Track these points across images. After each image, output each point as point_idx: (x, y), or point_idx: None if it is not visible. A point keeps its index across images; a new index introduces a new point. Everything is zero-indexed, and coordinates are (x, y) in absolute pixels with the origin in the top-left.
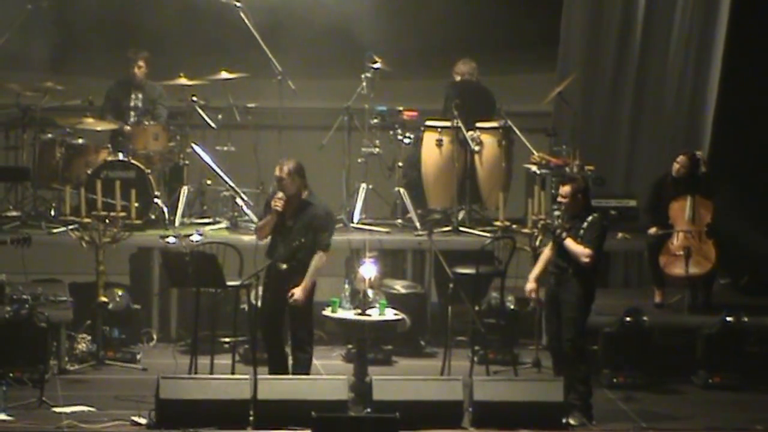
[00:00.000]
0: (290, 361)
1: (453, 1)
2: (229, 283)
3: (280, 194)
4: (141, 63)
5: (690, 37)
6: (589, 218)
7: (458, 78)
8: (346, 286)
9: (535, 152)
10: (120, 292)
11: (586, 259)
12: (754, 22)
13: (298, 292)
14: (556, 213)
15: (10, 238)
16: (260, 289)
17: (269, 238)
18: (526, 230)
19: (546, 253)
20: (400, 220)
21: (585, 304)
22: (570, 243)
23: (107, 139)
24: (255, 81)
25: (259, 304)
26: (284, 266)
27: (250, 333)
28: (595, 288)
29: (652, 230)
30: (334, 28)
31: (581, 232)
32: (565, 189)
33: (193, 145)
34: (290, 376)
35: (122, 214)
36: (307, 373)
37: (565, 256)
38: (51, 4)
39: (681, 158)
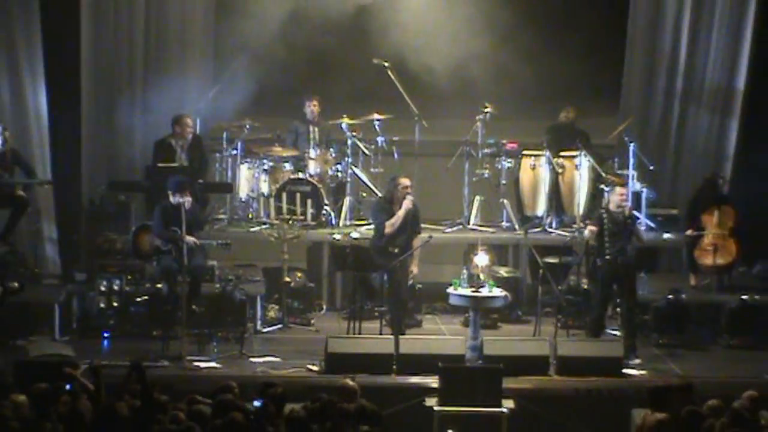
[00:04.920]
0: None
1: (547, 59)
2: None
3: (410, 198)
4: (315, 103)
5: (717, 95)
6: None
7: (560, 119)
8: (464, 271)
9: (603, 173)
10: (299, 274)
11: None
12: None
13: (416, 269)
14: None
15: (216, 242)
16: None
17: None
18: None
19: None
20: (504, 223)
21: None
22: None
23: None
24: (398, 120)
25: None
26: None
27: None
28: None
29: (689, 232)
30: (457, 80)
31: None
32: (626, 189)
33: (353, 168)
34: (423, 336)
35: (301, 217)
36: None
37: (629, 240)
38: (249, 63)
39: (707, 179)
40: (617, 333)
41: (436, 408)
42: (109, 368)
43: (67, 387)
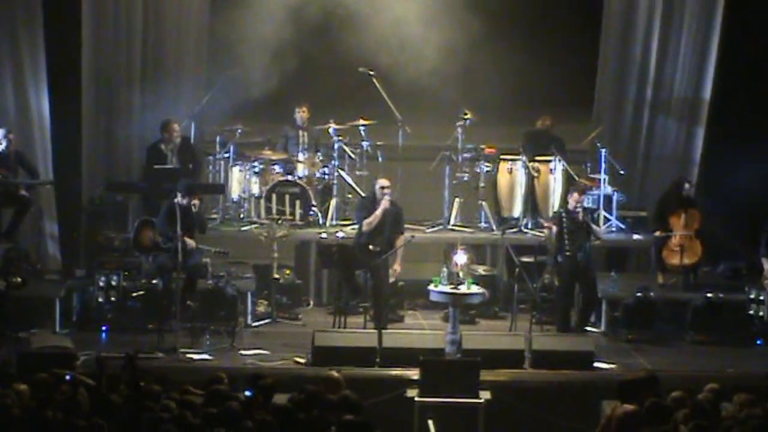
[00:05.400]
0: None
1: (523, 69)
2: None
3: (389, 197)
4: (304, 109)
5: (684, 104)
6: (581, 215)
7: (537, 126)
8: (444, 269)
9: (576, 177)
10: (288, 271)
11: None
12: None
13: (398, 267)
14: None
15: (214, 250)
16: None
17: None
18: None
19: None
20: (482, 224)
21: None
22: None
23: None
24: (382, 126)
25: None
26: (378, 248)
27: (375, 299)
28: None
29: (657, 233)
30: (438, 90)
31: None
32: (582, 196)
33: (340, 171)
34: (405, 331)
35: (290, 217)
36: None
37: (588, 239)
38: (241, 70)
39: (674, 183)
40: (594, 330)
41: (416, 399)
42: (108, 359)
43: (67, 377)
